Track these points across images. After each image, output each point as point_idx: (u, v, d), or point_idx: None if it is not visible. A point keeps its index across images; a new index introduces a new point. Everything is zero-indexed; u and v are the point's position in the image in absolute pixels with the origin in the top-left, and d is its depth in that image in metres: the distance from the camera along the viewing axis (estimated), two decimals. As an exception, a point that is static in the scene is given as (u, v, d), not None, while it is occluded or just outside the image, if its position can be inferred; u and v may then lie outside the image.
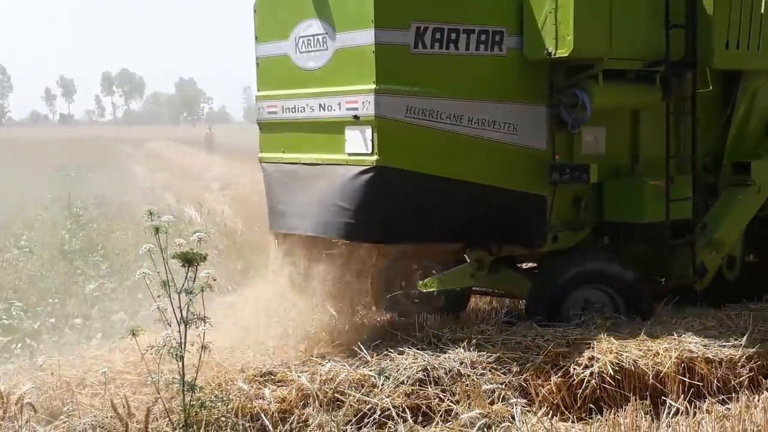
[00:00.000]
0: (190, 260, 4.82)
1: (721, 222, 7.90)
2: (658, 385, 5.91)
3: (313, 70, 7.04)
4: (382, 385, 5.60)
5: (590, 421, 5.47)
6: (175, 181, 26.09)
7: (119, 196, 20.18)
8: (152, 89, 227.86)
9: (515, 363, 5.91)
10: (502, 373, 5.80)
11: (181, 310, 4.76)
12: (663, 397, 5.73)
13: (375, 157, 6.57)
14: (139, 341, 4.89)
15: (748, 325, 6.80)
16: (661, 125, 7.49)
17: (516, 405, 5.43)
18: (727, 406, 5.67)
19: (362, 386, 5.60)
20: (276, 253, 7.52)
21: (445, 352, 6.01)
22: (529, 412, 5.47)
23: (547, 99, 7.06)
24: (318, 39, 6.93)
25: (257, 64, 7.66)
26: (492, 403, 5.52)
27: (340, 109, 6.81)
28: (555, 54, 6.74)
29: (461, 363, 5.83)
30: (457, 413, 5.39)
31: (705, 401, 5.76)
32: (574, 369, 5.87)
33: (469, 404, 5.43)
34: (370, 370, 5.74)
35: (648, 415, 5.25)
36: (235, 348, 6.28)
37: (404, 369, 5.74)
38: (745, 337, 6.43)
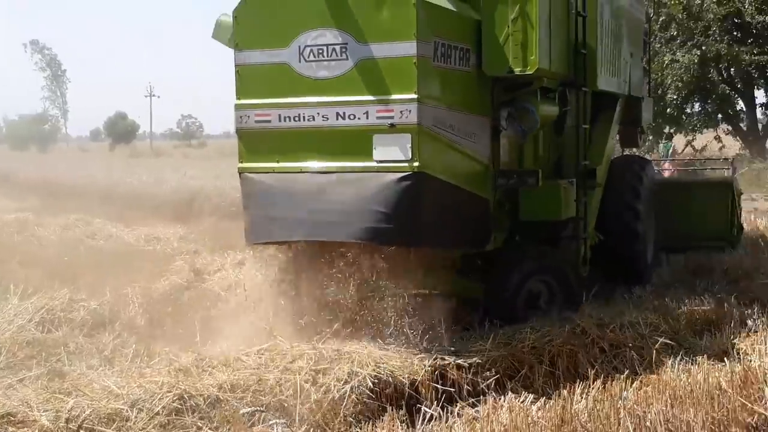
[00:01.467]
0: None
1: (590, 218, 9.18)
2: (414, 393, 6.10)
3: (325, 79, 7.11)
4: (136, 417, 5.35)
5: (349, 434, 5.54)
6: None
7: None
8: None
9: (277, 384, 5.87)
10: (262, 395, 5.73)
11: None
12: (419, 405, 5.93)
13: (416, 164, 6.88)
14: None
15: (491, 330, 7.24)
16: (551, 136, 9.05)
17: (276, 426, 5.39)
18: (476, 408, 5.94)
19: (113, 421, 5.32)
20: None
21: (202, 379, 5.84)
22: (289, 431, 5.44)
23: (490, 111, 7.82)
24: (334, 49, 7.03)
25: (237, 72, 7.55)
26: (252, 426, 5.45)
27: (367, 117, 7.01)
28: (518, 72, 7.43)
29: (219, 388, 5.70)
30: (216, 440, 5.26)
31: (457, 405, 6.02)
32: (335, 385, 5.92)
33: (229, 429, 5.33)
34: (122, 404, 5.47)
35: (404, 424, 5.38)
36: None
37: (158, 399, 5.52)
38: (489, 341, 6.84)
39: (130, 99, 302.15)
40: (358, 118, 7.05)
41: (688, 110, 28.81)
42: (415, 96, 6.89)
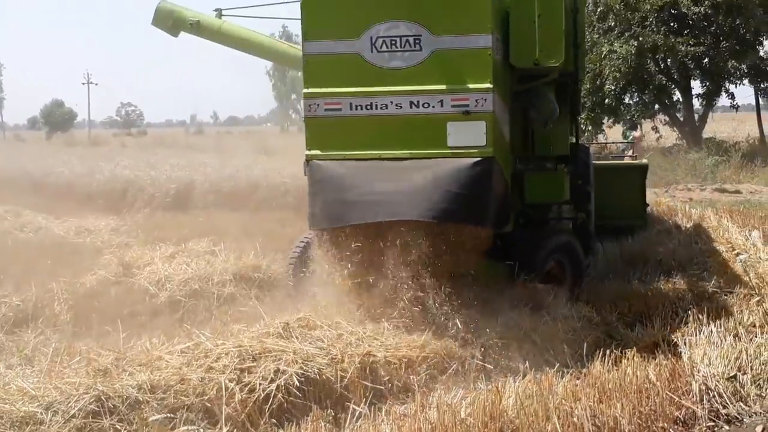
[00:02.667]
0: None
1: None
2: (344, 392, 5.98)
3: (399, 69, 7.48)
4: (50, 421, 5.14)
5: (274, 435, 5.40)
6: None
7: None
8: None
9: (200, 383, 5.69)
10: (184, 395, 5.55)
11: None
12: (347, 403, 5.82)
13: (490, 149, 7.40)
14: None
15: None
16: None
17: (198, 428, 5.22)
18: (406, 405, 5.86)
19: (27, 424, 5.10)
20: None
21: (122, 379, 5.64)
22: (212, 433, 5.29)
23: (510, 100, 8.28)
24: (407, 40, 7.42)
25: (306, 61, 7.77)
26: (173, 428, 5.27)
27: (442, 105, 7.44)
28: (545, 64, 7.92)
29: (139, 389, 5.50)
30: (135, 443, 5.08)
31: (387, 403, 5.92)
32: (260, 384, 5.76)
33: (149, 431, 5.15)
34: (37, 406, 5.25)
35: (329, 424, 5.27)
36: None
37: (75, 401, 5.30)
38: (423, 336, 6.75)
39: (68, 87, 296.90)
40: (432, 107, 7.46)
41: (626, 100, 29.13)
42: (490, 86, 7.39)
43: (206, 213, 16.99)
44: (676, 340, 7.25)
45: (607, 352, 6.82)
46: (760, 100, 30.05)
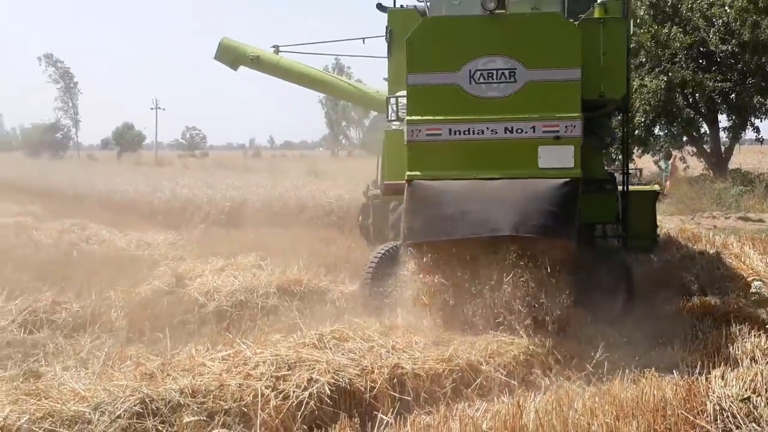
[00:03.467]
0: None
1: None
2: (373, 401, 5.91)
3: (494, 99, 7.85)
4: (98, 420, 5.14)
5: (304, 441, 5.34)
6: None
7: None
8: None
9: (238, 389, 5.65)
10: (222, 400, 5.52)
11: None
12: (375, 412, 5.74)
13: (578, 170, 7.83)
14: None
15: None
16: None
17: (234, 431, 5.18)
18: (430, 416, 5.75)
19: (75, 423, 5.10)
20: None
21: (165, 383, 5.62)
22: (247, 437, 5.24)
23: None
24: (503, 73, 7.80)
25: (410, 90, 8.11)
26: (211, 430, 5.24)
27: (534, 131, 7.82)
28: (609, 97, 8.50)
29: (181, 393, 5.48)
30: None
31: (413, 413, 5.82)
32: (294, 391, 5.71)
33: (187, 434, 5.11)
34: (86, 406, 5.25)
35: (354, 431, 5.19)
36: None
37: (121, 402, 5.30)
38: (450, 350, 6.65)
39: (138, 111, 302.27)
40: (525, 132, 7.82)
41: (656, 132, 28.72)
42: (579, 114, 7.83)
43: (256, 230, 17.07)
44: (694, 361, 7.04)
45: (626, 371, 6.67)
46: (784, 133, 29.52)
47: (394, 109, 9.06)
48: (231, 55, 15.61)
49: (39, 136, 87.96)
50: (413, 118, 7.99)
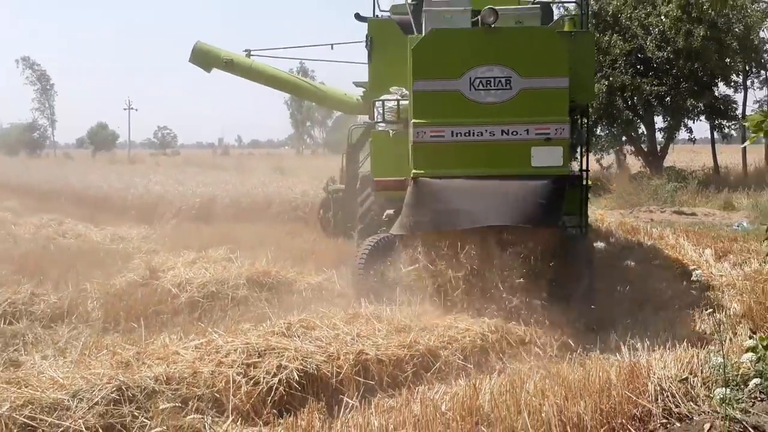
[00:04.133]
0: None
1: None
2: (339, 386, 5.86)
3: (492, 104, 8.12)
4: (76, 407, 5.03)
5: (274, 424, 5.28)
6: None
7: None
8: None
9: (210, 376, 5.57)
10: (195, 387, 5.43)
11: None
12: (341, 396, 5.70)
13: (567, 169, 8.35)
14: None
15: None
16: None
17: (207, 416, 5.11)
18: (393, 399, 5.73)
19: (55, 410, 4.98)
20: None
21: (141, 371, 5.52)
22: (219, 421, 5.16)
23: None
24: (500, 80, 8.09)
25: (414, 97, 8.25)
26: (185, 415, 5.15)
27: (527, 133, 8.14)
28: (580, 101, 9.17)
29: (156, 380, 5.39)
30: (149, 428, 4.96)
31: (377, 397, 5.80)
32: (264, 378, 5.65)
33: (162, 419, 5.03)
34: (65, 393, 5.14)
35: (322, 415, 5.15)
36: None
37: (98, 390, 5.19)
38: (410, 336, 6.64)
39: (112, 112, 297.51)
40: (519, 134, 8.15)
41: (597, 132, 29.03)
42: (567, 118, 8.23)
43: (226, 224, 16.90)
44: (635, 344, 7.13)
45: (573, 354, 6.74)
46: (714, 134, 29.96)
47: (381, 112, 9.45)
48: (205, 59, 15.43)
49: (17, 135, 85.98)
50: (419, 121, 8.21)
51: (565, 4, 11.95)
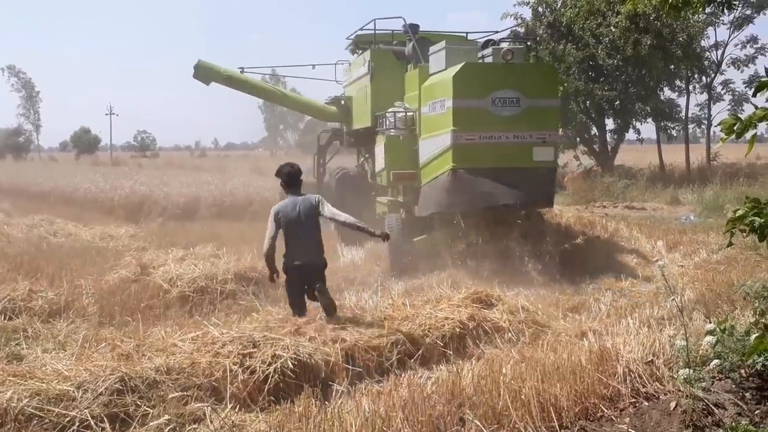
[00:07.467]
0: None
1: None
2: (330, 373, 5.84)
3: (507, 117, 10.32)
4: (81, 398, 4.95)
5: (271, 409, 5.24)
6: None
7: None
8: None
9: (208, 366, 5.51)
10: (194, 376, 5.37)
11: None
12: (331, 383, 5.68)
13: (556, 162, 11.13)
14: None
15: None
16: None
17: (207, 404, 5.05)
18: (381, 384, 5.73)
19: (61, 401, 4.90)
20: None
21: (141, 363, 5.45)
22: (218, 409, 5.11)
23: None
24: (512, 100, 10.33)
25: (454, 111, 10.23)
26: (186, 404, 5.09)
27: (530, 137, 10.43)
28: None
29: (157, 371, 5.32)
30: (152, 417, 4.89)
31: (365, 383, 5.79)
32: (260, 367, 5.61)
33: (164, 408, 4.96)
34: (70, 385, 5.05)
35: (318, 400, 5.12)
36: None
37: (102, 381, 5.11)
38: (395, 325, 6.64)
39: (94, 116, 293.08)
40: (525, 138, 10.42)
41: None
42: (558, 128, 11.29)
43: (210, 222, 16.73)
44: (600, 329, 7.20)
45: (546, 339, 6.78)
46: (660, 135, 30.37)
47: (392, 121, 11.75)
48: (207, 74, 15.82)
49: (3, 140, 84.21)
50: (456, 128, 10.24)
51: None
